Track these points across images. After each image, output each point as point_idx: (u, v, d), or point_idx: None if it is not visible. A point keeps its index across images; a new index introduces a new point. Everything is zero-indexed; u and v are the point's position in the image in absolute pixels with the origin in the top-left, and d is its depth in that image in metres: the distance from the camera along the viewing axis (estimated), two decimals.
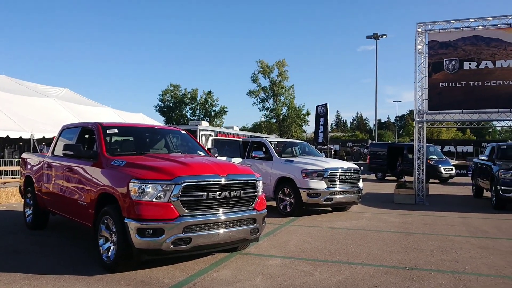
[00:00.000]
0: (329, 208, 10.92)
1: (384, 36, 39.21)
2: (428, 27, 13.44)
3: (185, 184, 5.01)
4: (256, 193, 5.73)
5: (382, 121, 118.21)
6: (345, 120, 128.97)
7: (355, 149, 50.64)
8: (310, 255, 6.31)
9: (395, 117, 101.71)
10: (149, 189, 4.93)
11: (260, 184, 5.87)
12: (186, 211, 5.00)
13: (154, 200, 4.93)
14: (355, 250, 6.62)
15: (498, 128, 76.67)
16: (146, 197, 4.92)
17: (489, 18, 13.01)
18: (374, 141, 37.97)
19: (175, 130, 7.91)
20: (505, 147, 13.93)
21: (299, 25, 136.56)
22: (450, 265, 5.81)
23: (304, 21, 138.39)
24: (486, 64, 12.80)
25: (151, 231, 4.83)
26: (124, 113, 30.79)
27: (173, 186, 4.96)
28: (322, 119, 24.88)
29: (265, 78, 56.73)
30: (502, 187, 11.46)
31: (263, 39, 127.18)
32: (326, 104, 24.59)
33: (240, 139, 12.99)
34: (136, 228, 4.82)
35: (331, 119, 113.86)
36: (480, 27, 13.07)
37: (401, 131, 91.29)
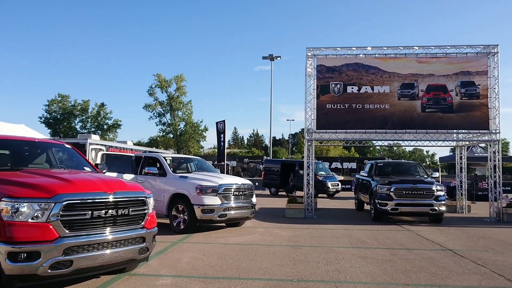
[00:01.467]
0: (224, 224, 10.98)
1: (279, 58, 41.09)
2: (317, 52, 14.45)
3: (66, 202, 4.65)
4: (146, 211, 5.53)
5: (277, 138, 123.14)
6: (242, 137, 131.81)
7: (251, 165, 51.87)
8: (202, 272, 6.25)
9: (289, 134, 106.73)
10: (24, 208, 4.49)
11: (150, 201, 5.69)
12: (67, 231, 4.63)
13: (29, 220, 4.50)
14: (247, 265, 6.72)
15: (378, 147, 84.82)
16: (20, 217, 4.47)
17: (369, 48, 14.43)
18: (268, 158, 39.28)
19: (59, 143, 7.33)
20: (382, 164, 15.45)
21: (199, 42, 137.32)
22: (333, 275, 6.19)
23: (204, 38, 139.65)
24: (366, 89, 14.14)
25: (25, 255, 4.38)
26: (1, 124, 27.75)
27: (53, 204, 4.57)
28: (222, 135, 25.13)
29: (162, 92, 55.67)
30: (379, 201, 12.62)
31: (162, 54, 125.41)
32: (224, 121, 24.92)
33: (133, 155, 12.52)
34: (6, 252, 4.33)
35: (228, 136, 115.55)
36: (361, 55, 14.42)
37: (294, 148, 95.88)
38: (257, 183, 31.34)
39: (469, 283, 5.86)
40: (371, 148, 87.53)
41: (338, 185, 25.41)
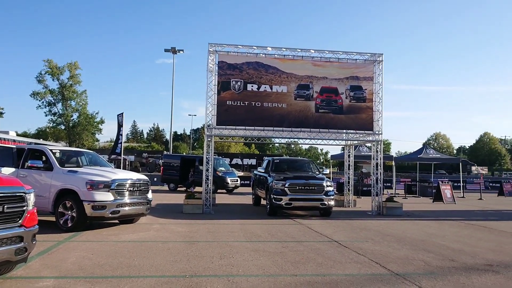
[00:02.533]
0: (117, 221, 10.52)
1: (182, 52, 40.51)
2: (219, 48, 14.51)
3: None
4: (24, 208, 5.07)
5: (179, 133, 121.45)
6: (142, 131, 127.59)
7: (150, 160, 50.39)
8: (89, 272, 5.91)
9: (191, 130, 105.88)
10: None
11: (30, 198, 5.22)
12: None
13: None
14: (139, 263, 6.52)
15: (276, 144, 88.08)
16: None
17: (269, 48, 14.86)
18: (168, 153, 38.52)
19: None
20: (278, 161, 16.04)
21: (96, 28, 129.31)
22: (226, 269, 6.28)
23: (102, 25, 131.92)
24: (265, 87, 14.56)
25: None
26: None
27: None
28: (122, 128, 23.94)
29: (53, 79, 51.33)
30: (275, 196, 13.10)
31: (55, 40, 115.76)
32: (122, 113, 23.80)
33: (14, 146, 11.39)
34: None
35: (127, 129, 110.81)
36: (262, 54, 14.80)
37: (195, 144, 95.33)
38: (155, 179, 30.63)
39: (350, 271, 6.35)
40: (271, 145, 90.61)
41: (237, 181, 25.84)
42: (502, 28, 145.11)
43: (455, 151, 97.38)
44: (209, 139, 14.62)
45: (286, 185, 13.03)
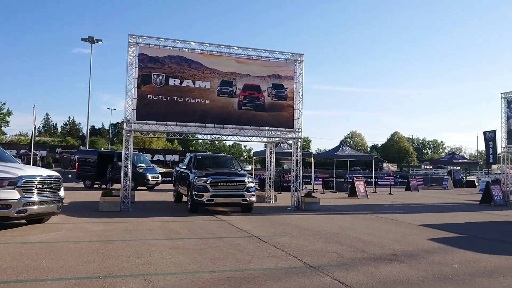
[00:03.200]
0: (24, 221, 9.75)
1: (100, 42, 38.64)
2: (139, 40, 14.02)
3: None
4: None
5: (97, 127, 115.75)
6: (56, 124, 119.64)
7: (64, 156, 47.42)
8: None
9: (110, 124, 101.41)
10: None
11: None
12: None
13: None
14: (47, 265, 6.10)
15: (200, 140, 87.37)
16: None
17: (192, 43, 14.67)
18: (84, 148, 36.54)
19: None
20: (201, 157, 15.93)
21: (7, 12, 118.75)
22: (143, 268, 6.10)
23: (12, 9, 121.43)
24: (188, 82, 14.36)
25: None
26: None
27: None
28: (36, 121, 22.19)
29: None
30: (196, 192, 13.00)
31: None
32: (33, 105, 22.09)
33: None
34: None
35: (38, 122, 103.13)
36: (185, 49, 14.56)
37: (115, 139, 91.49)
38: (70, 175, 28.92)
39: (268, 266, 6.48)
40: (194, 141, 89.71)
41: (158, 177, 25.25)
42: (412, 33, 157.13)
43: (369, 149, 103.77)
44: (128, 134, 14.10)
45: (208, 182, 12.97)
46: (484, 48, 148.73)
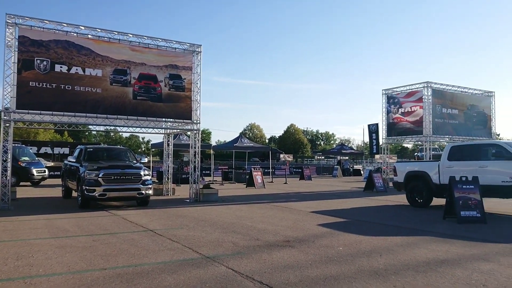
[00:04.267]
0: None
1: None
2: (19, 21, 12.68)
3: None
4: None
5: None
6: None
7: None
8: None
9: None
10: None
11: None
12: None
13: None
14: None
15: (94, 132, 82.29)
16: None
17: (81, 27, 13.67)
18: None
19: None
20: (92, 149, 15.03)
21: None
22: (24, 271, 5.59)
23: None
24: (77, 69, 13.38)
25: None
26: None
27: None
28: None
29: None
30: (87, 187, 12.24)
31: None
32: None
33: None
34: None
35: None
36: (73, 33, 13.53)
37: None
38: None
39: (163, 259, 6.36)
40: (87, 133, 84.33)
41: (45, 172, 23.28)
42: (308, 31, 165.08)
43: (267, 141, 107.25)
44: (7, 125, 12.74)
45: (100, 175, 12.29)
46: (369, 48, 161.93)
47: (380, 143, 26.70)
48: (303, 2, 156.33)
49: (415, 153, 45.44)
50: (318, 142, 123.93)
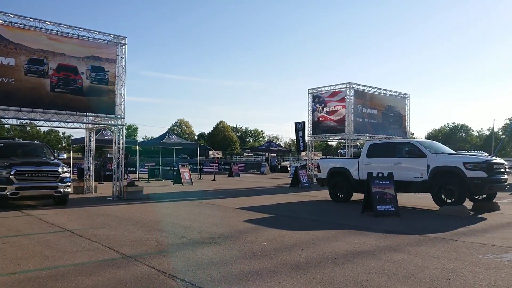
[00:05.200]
0: None
1: None
2: None
3: None
4: None
5: None
6: None
7: None
8: None
9: None
10: None
11: None
12: None
13: None
14: None
15: (7, 126, 76.01)
16: None
17: None
18: None
19: None
20: (3, 144, 13.84)
21: None
22: None
23: None
24: None
25: None
26: None
27: None
28: None
29: None
30: None
31: None
32: None
33: None
34: None
35: None
36: None
37: None
38: None
39: (81, 261, 6.05)
40: None
41: None
42: (237, 28, 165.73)
43: (196, 137, 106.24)
44: None
45: (12, 173, 11.40)
46: (296, 47, 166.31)
47: (306, 140, 27.58)
48: None
49: (338, 151, 47.56)
50: (247, 139, 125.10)
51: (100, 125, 17.37)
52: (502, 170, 11.84)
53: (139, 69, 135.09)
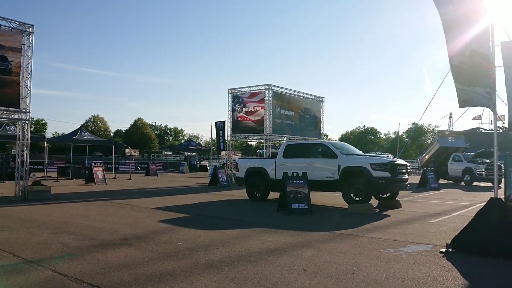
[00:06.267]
0: None
1: None
2: None
3: None
4: None
5: None
6: None
7: None
8: None
9: None
10: None
11: None
12: None
13: None
14: None
15: None
16: None
17: None
18: None
19: None
20: None
21: None
22: None
23: None
24: None
25: None
26: None
27: None
28: None
29: None
30: None
31: None
32: None
33: None
34: None
35: None
36: None
37: None
38: None
39: None
40: None
41: None
42: (156, 24, 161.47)
43: (112, 134, 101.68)
44: None
45: None
46: (220, 47, 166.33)
47: (227, 140, 27.70)
48: None
49: (258, 151, 48.43)
50: (167, 137, 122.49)
51: (2, 119, 15.93)
52: (404, 170, 12.89)
53: (50, 60, 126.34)
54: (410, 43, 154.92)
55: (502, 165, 11.31)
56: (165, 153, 78.22)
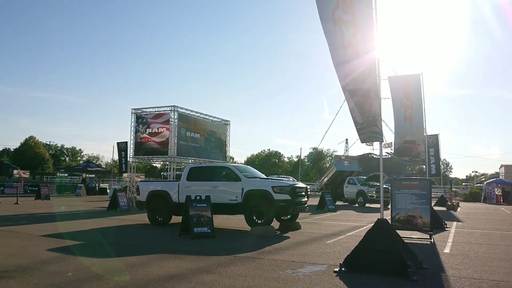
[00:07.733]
0: None
1: None
2: None
3: None
4: None
5: None
6: None
7: None
8: None
9: None
10: None
11: None
12: None
13: None
14: None
15: None
16: None
17: None
18: None
19: None
20: None
21: None
22: None
23: None
24: None
25: None
26: None
27: None
28: None
29: None
30: None
31: None
32: None
33: None
34: None
35: None
36: None
37: None
38: None
39: None
40: None
41: None
42: (53, 36, 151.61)
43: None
44: None
45: None
46: (124, 65, 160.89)
47: (129, 161, 26.62)
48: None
49: (162, 173, 47.26)
50: (63, 158, 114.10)
51: None
52: (303, 193, 13.49)
53: None
54: (313, 76, 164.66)
55: (389, 187, 12.37)
56: (60, 174, 72.61)
